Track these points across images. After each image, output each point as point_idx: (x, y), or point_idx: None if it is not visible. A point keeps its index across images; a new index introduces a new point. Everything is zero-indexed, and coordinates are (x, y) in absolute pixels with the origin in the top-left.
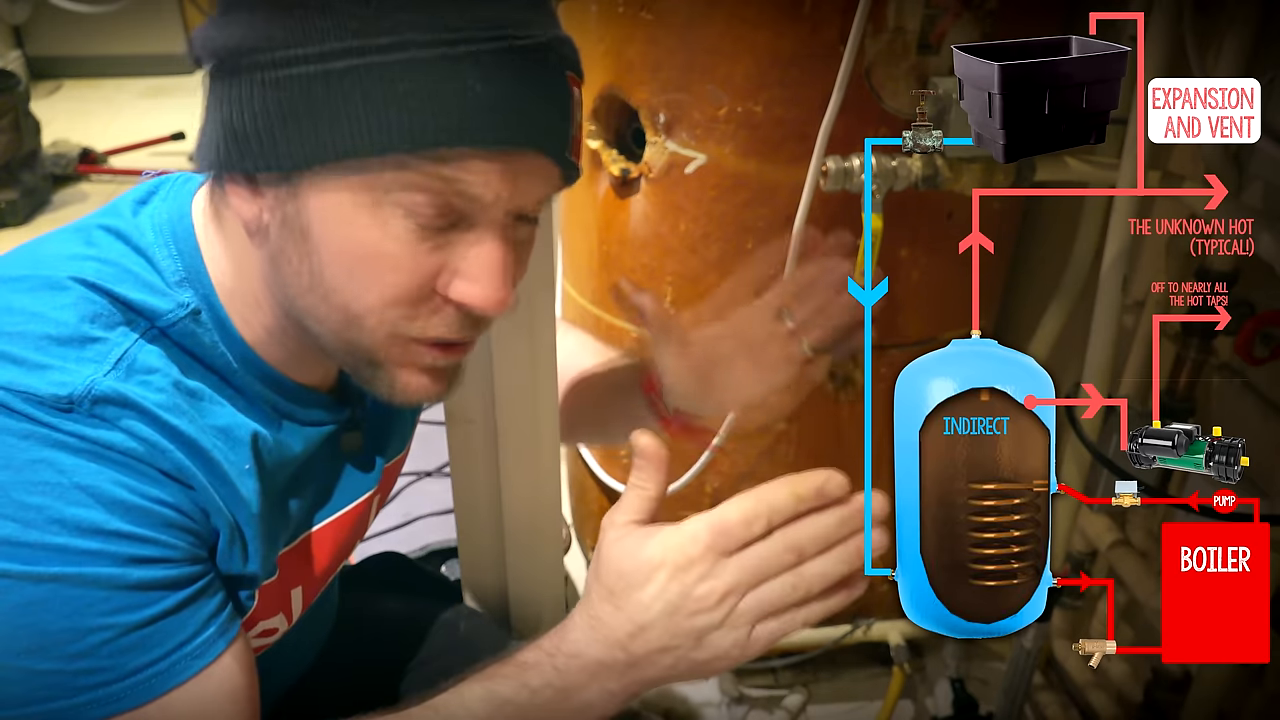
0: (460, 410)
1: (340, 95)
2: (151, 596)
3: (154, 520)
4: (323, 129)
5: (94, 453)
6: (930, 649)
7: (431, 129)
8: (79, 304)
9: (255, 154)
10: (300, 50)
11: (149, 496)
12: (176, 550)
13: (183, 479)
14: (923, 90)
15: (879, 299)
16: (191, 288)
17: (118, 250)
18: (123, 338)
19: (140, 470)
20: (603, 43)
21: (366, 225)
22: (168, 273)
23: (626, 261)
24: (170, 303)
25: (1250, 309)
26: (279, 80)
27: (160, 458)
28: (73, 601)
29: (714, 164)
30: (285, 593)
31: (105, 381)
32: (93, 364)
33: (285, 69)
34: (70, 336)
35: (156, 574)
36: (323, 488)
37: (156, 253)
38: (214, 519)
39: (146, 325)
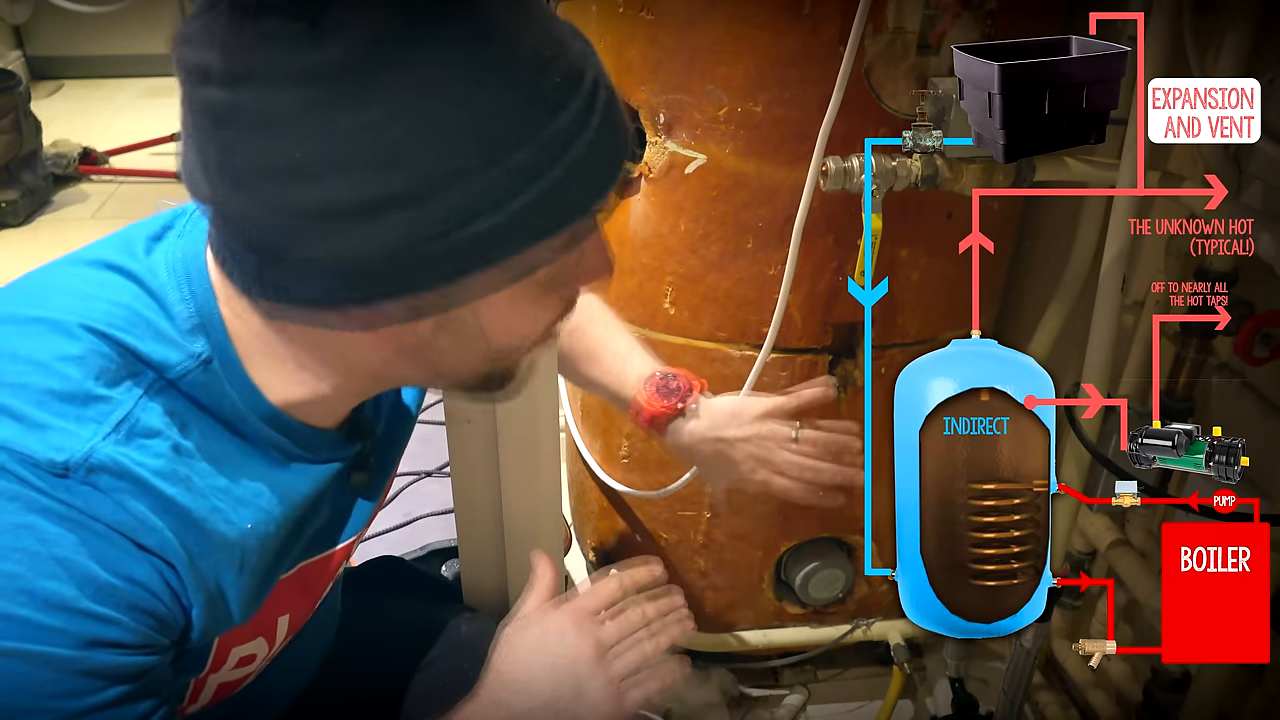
0: (460, 410)
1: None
2: (96, 684)
3: (122, 600)
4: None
5: (79, 522)
6: (930, 649)
7: (592, 194)
8: (86, 358)
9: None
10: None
11: (123, 574)
12: (135, 635)
13: (165, 556)
14: (923, 90)
15: (879, 299)
16: (204, 334)
17: (130, 294)
18: (126, 395)
19: (122, 545)
20: (602, 43)
21: (528, 306)
22: (180, 318)
23: (626, 261)
24: (181, 353)
25: (1250, 309)
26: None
27: (146, 533)
28: (20, 678)
29: (714, 164)
30: (272, 619)
31: (104, 448)
32: (93, 424)
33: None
34: (73, 393)
35: (109, 660)
36: (328, 523)
37: (169, 295)
38: (190, 594)
39: (154, 377)
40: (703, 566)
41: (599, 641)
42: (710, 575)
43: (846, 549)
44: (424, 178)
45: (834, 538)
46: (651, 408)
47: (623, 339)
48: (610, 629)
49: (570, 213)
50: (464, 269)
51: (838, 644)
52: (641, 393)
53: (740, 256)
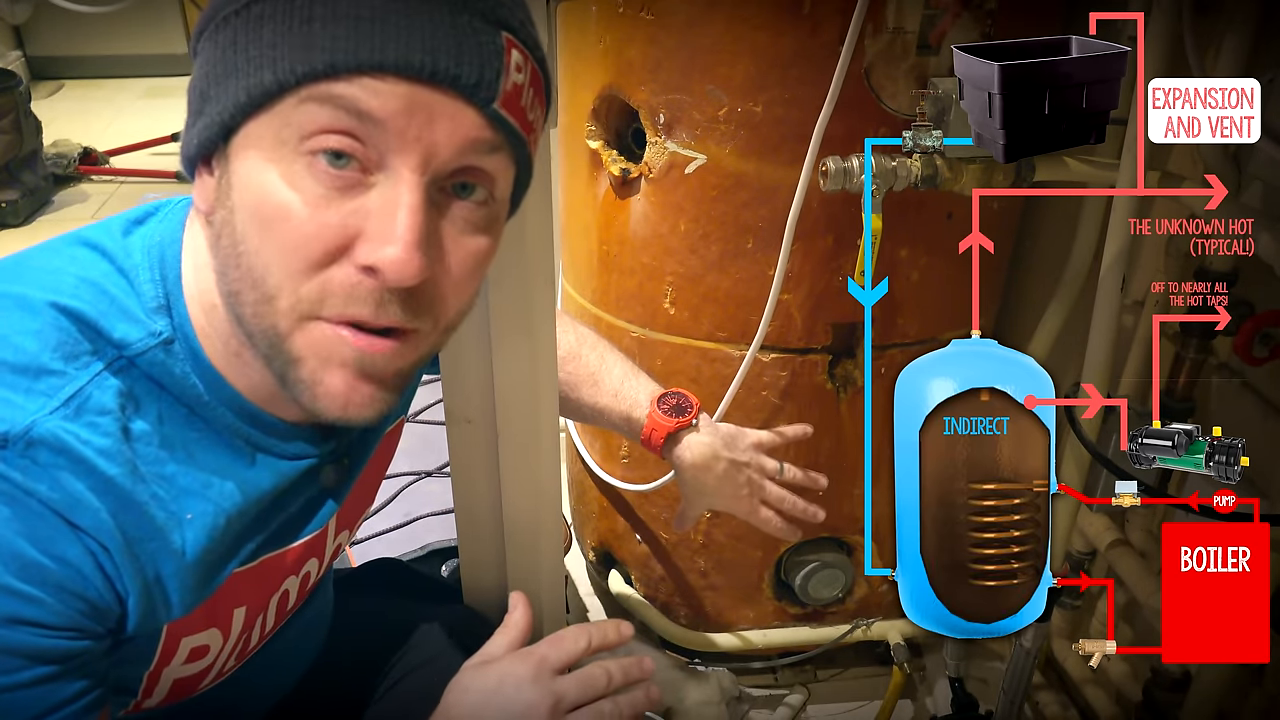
0: (460, 410)
1: (254, 39)
2: (13, 663)
3: (49, 580)
4: (240, 77)
5: (11, 496)
6: (930, 649)
7: (327, 53)
8: (45, 331)
9: (199, 127)
10: (232, 6)
11: (53, 553)
12: (58, 617)
13: (99, 537)
14: (923, 90)
15: (879, 299)
16: (169, 315)
17: (100, 270)
18: (81, 372)
19: (54, 524)
20: (602, 43)
21: (275, 182)
22: (147, 297)
23: (626, 261)
24: (142, 330)
25: (1250, 309)
26: (218, 42)
27: (81, 512)
28: None
29: (714, 164)
30: (226, 610)
31: (47, 422)
32: (42, 398)
33: (224, 28)
34: (26, 366)
35: (27, 640)
36: (292, 519)
37: (139, 276)
38: (126, 580)
39: (114, 355)
40: (703, 566)
41: (557, 699)
42: (710, 575)
43: (846, 549)
44: None
45: (834, 538)
46: (666, 425)
47: (620, 364)
48: (571, 688)
49: (296, 65)
50: (200, 110)
51: (838, 644)
52: (655, 413)
53: (740, 256)
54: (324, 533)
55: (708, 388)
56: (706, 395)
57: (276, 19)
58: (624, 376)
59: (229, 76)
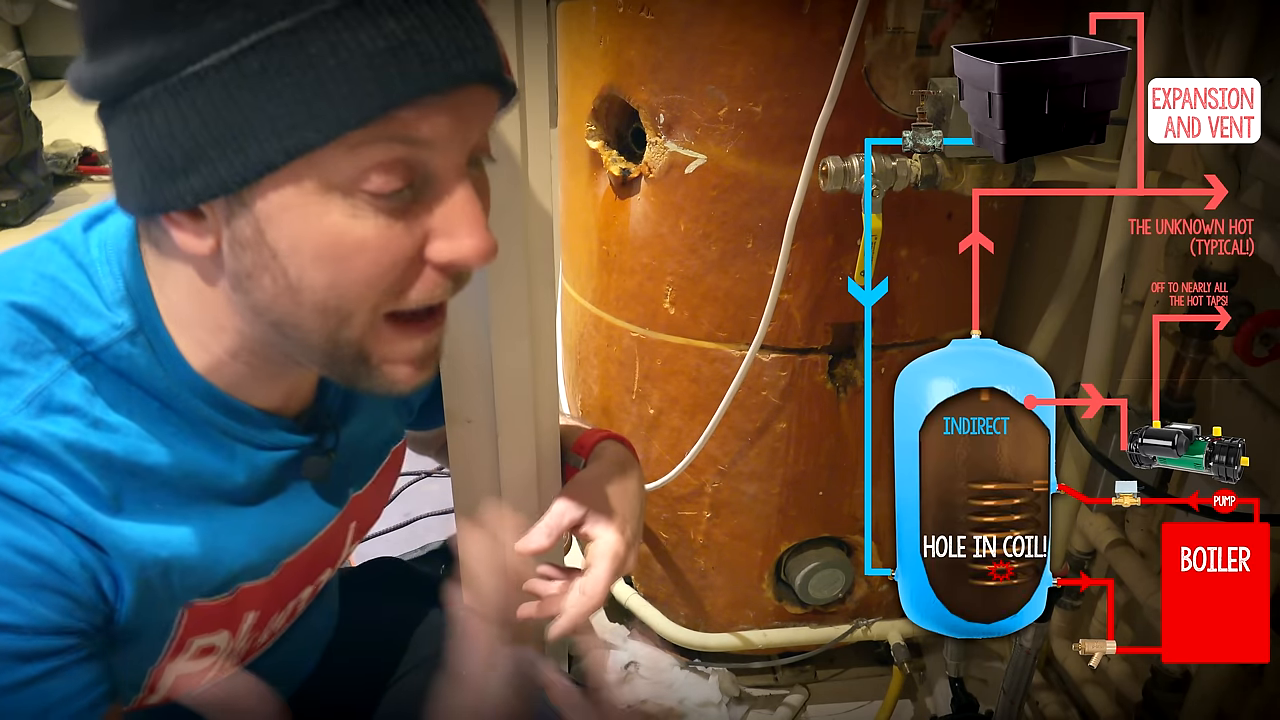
0: (460, 410)
1: (268, 93)
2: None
3: (21, 579)
4: (262, 134)
5: None
6: (930, 649)
7: (378, 95)
8: (2, 331)
9: (194, 183)
10: (208, 60)
11: (26, 551)
12: (35, 618)
13: (74, 526)
14: (923, 90)
15: (879, 299)
16: (131, 307)
17: (59, 264)
18: (43, 370)
19: (23, 521)
20: (603, 43)
21: (336, 221)
22: (107, 291)
23: (626, 261)
24: (104, 324)
25: (1250, 309)
26: (196, 99)
27: (53, 502)
28: None
29: (714, 164)
30: (237, 614)
31: (10, 421)
32: (2, 399)
33: (199, 85)
34: None
35: (5, 642)
36: (280, 513)
37: (99, 270)
38: (111, 571)
39: (78, 352)
40: (703, 566)
41: None
42: (710, 575)
43: (846, 549)
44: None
45: (834, 538)
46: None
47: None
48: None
49: (345, 114)
50: (185, 169)
51: (838, 644)
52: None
53: (740, 256)
54: (339, 540)
55: (708, 388)
56: (707, 395)
57: (291, 70)
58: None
59: (239, 138)
